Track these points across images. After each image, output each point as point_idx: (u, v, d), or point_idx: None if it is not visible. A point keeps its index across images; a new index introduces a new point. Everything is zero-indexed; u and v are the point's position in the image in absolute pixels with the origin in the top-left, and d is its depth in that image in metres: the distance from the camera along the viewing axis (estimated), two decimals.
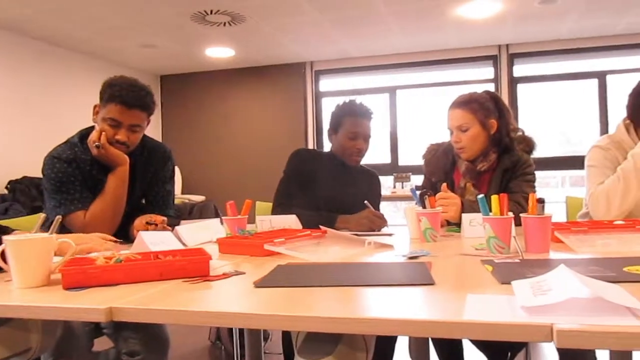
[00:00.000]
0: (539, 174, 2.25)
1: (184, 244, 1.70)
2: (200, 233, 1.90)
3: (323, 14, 4.84)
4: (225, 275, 1.20)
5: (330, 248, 1.55)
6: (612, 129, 2.19)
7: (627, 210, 1.94)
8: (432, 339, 1.98)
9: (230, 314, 0.88)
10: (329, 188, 2.30)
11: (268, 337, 3.07)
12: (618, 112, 5.76)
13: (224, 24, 4.98)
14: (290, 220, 1.97)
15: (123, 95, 1.90)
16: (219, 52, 6.07)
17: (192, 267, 1.20)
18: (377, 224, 2.04)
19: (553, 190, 8.44)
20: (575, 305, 0.79)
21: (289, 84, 6.77)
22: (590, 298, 0.79)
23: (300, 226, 1.94)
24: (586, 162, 2.13)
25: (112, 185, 1.95)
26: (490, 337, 0.76)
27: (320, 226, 1.75)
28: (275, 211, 2.22)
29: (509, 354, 2.02)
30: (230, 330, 2.94)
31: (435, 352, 2.08)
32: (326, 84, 6.90)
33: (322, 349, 0.95)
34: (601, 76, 6.08)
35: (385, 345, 1.94)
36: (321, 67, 6.75)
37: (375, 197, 2.41)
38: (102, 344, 1.82)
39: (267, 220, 1.98)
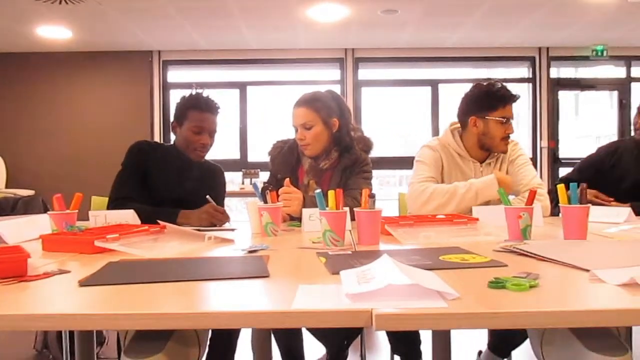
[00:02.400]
0: (379, 173, 2.41)
1: (4, 242, 1.53)
2: (24, 229, 1.72)
3: (170, 1, 4.66)
4: (47, 275, 1.10)
5: (168, 243, 1.50)
6: (442, 133, 2.42)
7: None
8: (273, 332, 2.02)
9: (44, 316, 0.80)
10: (171, 183, 2.22)
11: (104, 341, 2.88)
12: (447, 117, 6.38)
13: (59, 1, 4.56)
14: (128, 216, 1.87)
15: None
16: (54, 32, 5.54)
17: (5, 266, 1.07)
18: (218, 218, 2.02)
19: (392, 189, 9.05)
20: (394, 292, 0.85)
21: (134, 73, 6.43)
22: (407, 284, 0.86)
23: (138, 222, 1.85)
24: (415, 158, 2.35)
25: None
26: (316, 325, 0.80)
27: (159, 221, 1.68)
28: (112, 206, 2.10)
29: (345, 342, 2.12)
30: (59, 335, 2.70)
31: (277, 344, 2.12)
32: (174, 75, 6.67)
33: (150, 347, 0.91)
34: (434, 84, 6.69)
35: (225, 340, 1.93)
36: (169, 57, 6.51)
37: (219, 192, 2.38)
38: None
39: (101, 216, 1.85)
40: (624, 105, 6.61)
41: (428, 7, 4.94)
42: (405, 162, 6.46)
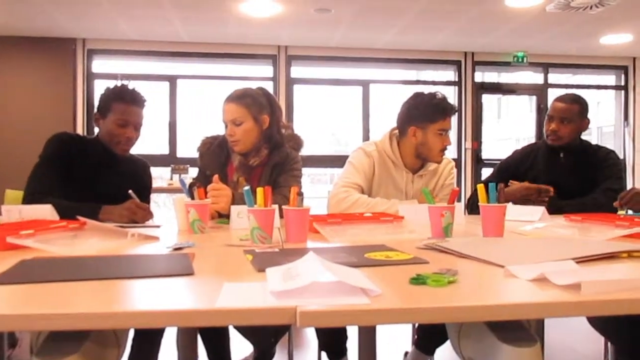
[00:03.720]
0: (310, 171, 2.42)
1: None
2: None
3: None
4: None
5: (89, 240, 1.44)
6: (372, 134, 2.46)
7: None
8: (199, 331, 1.98)
9: None
10: (94, 177, 2.14)
11: (16, 344, 2.73)
12: (378, 117, 6.52)
13: None
14: (45, 211, 1.78)
15: None
16: None
17: None
18: (140, 215, 1.95)
19: (323, 186, 9.15)
20: (319, 289, 0.86)
21: (56, 61, 6.11)
22: (332, 281, 0.88)
23: (56, 217, 1.76)
24: (349, 159, 2.37)
25: None
26: (240, 323, 0.79)
27: (79, 217, 1.61)
28: (27, 200, 1.99)
29: (273, 339, 2.12)
30: None
31: (203, 343, 2.09)
32: (100, 65, 6.40)
33: (64, 348, 0.87)
34: (365, 84, 6.80)
35: (148, 340, 1.88)
36: (95, 46, 6.24)
37: (144, 188, 2.31)
38: None
39: (15, 210, 1.75)
40: (541, 109, 7.00)
41: (361, 7, 5.02)
42: (336, 161, 6.52)
